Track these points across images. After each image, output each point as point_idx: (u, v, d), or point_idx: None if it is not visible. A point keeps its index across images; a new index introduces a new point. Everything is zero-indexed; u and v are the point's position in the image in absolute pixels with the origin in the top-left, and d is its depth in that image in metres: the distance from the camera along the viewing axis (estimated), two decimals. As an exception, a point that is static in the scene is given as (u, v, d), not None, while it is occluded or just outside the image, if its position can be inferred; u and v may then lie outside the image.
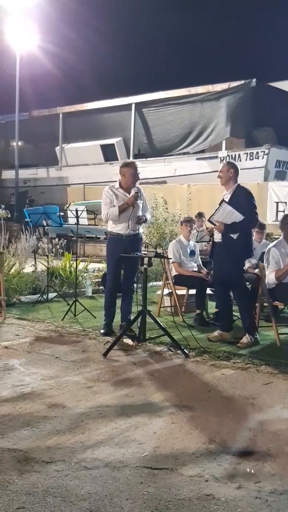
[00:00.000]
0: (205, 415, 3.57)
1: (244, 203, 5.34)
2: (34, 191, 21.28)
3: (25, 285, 7.81)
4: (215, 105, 17.58)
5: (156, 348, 5.20)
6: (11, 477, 2.72)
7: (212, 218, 5.37)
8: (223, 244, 5.37)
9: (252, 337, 5.34)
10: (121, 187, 5.63)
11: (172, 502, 2.52)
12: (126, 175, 5.58)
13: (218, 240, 5.46)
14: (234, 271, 5.46)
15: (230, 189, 5.44)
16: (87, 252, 13.92)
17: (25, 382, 4.18)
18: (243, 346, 5.26)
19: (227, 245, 5.34)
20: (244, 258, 5.64)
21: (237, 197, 5.37)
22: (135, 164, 5.72)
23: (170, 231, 10.55)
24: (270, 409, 3.71)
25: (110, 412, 3.59)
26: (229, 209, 5.25)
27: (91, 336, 5.65)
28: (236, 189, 5.43)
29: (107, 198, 5.61)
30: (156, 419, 3.48)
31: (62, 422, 3.41)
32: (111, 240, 5.74)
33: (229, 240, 5.32)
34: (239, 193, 5.40)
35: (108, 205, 5.59)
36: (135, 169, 5.60)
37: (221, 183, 5.52)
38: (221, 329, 5.58)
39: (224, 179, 5.46)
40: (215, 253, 5.60)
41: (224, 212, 5.28)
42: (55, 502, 2.50)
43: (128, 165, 5.66)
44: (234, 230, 5.29)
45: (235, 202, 5.30)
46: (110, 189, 5.64)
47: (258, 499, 2.56)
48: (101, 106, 20.25)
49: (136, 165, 5.67)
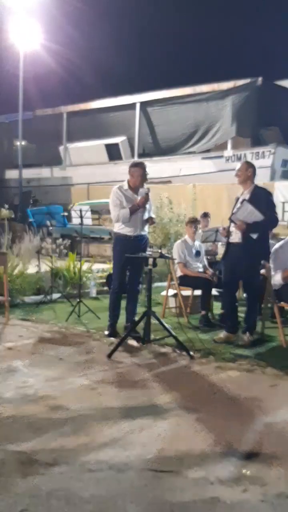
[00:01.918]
0: (210, 417, 3.54)
1: (265, 203, 5.31)
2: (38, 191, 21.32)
3: (28, 285, 7.80)
4: (220, 104, 17.55)
5: (161, 350, 5.18)
6: (14, 479, 2.70)
7: (233, 216, 5.32)
8: (242, 244, 5.31)
9: (252, 336, 5.40)
10: (129, 187, 5.63)
11: (177, 505, 2.50)
12: (134, 175, 5.58)
13: (236, 241, 5.39)
14: (252, 270, 5.43)
15: (248, 188, 5.42)
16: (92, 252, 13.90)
17: (29, 383, 4.16)
18: (246, 343, 5.30)
19: (246, 245, 5.29)
20: (262, 259, 5.59)
21: (257, 196, 5.34)
22: (144, 164, 5.71)
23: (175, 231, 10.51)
24: (276, 412, 3.67)
25: (115, 414, 3.57)
26: (250, 208, 5.22)
27: (95, 337, 5.63)
28: (255, 189, 5.42)
29: (116, 200, 5.58)
30: (160, 421, 3.46)
31: (66, 424, 3.39)
32: (118, 241, 5.71)
33: (249, 240, 5.27)
34: (259, 193, 5.40)
35: (118, 207, 5.56)
36: (144, 169, 5.60)
37: (239, 181, 5.49)
38: (226, 330, 5.56)
39: (243, 178, 5.44)
40: (230, 253, 5.52)
41: (246, 211, 5.24)
42: (59, 505, 2.48)
43: (137, 165, 5.66)
44: (255, 230, 5.26)
45: (255, 201, 5.26)
46: (119, 190, 5.62)
47: (264, 502, 2.53)
48: (105, 105, 20.26)
49: (145, 166, 5.67)
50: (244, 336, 5.41)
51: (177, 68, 34.80)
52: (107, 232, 12.67)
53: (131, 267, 5.75)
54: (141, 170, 5.57)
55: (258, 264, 5.56)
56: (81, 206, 8.65)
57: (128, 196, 5.58)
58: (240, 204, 5.34)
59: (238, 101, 17.03)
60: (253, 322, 5.50)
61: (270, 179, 15.40)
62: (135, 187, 5.61)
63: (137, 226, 5.56)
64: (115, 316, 5.77)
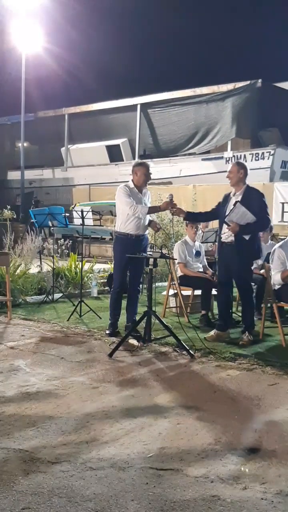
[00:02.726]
0: (210, 416, 3.56)
1: (257, 204, 5.32)
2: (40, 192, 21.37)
3: (30, 285, 7.83)
4: (220, 105, 17.59)
5: (162, 349, 5.20)
6: (16, 477, 2.72)
7: (227, 218, 5.33)
8: (235, 245, 5.35)
9: (251, 335, 5.42)
10: (134, 186, 5.68)
11: (178, 503, 2.52)
12: (138, 173, 5.64)
13: (228, 241, 5.43)
14: (244, 271, 5.46)
15: (240, 190, 5.42)
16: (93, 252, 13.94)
17: (31, 382, 4.18)
18: (246, 343, 5.31)
19: (238, 246, 5.32)
20: (253, 259, 5.63)
21: (248, 198, 5.35)
22: (147, 164, 5.82)
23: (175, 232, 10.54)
24: (276, 410, 3.69)
25: (116, 412, 3.59)
26: (243, 210, 5.23)
27: (97, 337, 5.65)
28: (246, 190, 5.41)
29: (126, 193, 5.60)
30: (161, 420, 3.48)
31: (68, 422, 3.41)
32: (119, 240, 5.74)
33: (241, 241, 5.30)
34: (250, 194, 5.39)
35: (131, 199, 5.56)
36: (147, 169, 5.67)
37: (231, 183, 5.47)
38: (217, 328, 5.59)
39: (234, 180, 5.43)
40: (223, 253, 5.56)
41: (238, 213, 5.25)
42: (61, 503, 2.50)
43: (141, 164, 5.76)
44: (248, 231, 5.28)
45: (246, 203, 5.27)
46: (125, 187, 5.67)
47: (264, 500, 2.55)
48: (106, 107, 20.30)
49: (148, 166, 5.76)
50: (243, 335, 5.44)
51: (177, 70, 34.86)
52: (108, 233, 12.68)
53: (131, 267, 5.78)
54: (144, 169, 5.65)
55: (249, 264, 5.59)
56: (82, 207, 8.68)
57: (134, 194, 5.63)
58: (233, 206, 5.35)
59: (238, 103, 17.07)
60: (250, 322, 5.53)
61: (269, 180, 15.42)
62: (139, 185, 5.67)
63: (140, 226, 5.60)
64: (116, 315, 5.79)
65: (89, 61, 29.56)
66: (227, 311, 5.74)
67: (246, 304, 5.59)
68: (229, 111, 17.27)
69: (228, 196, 5.56)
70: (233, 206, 5.33)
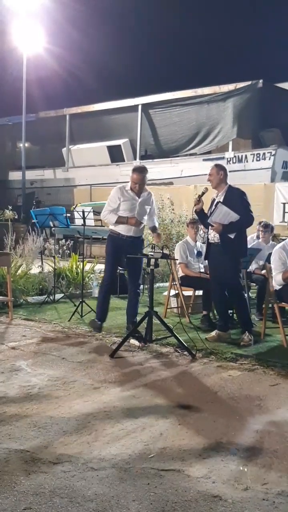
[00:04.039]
0: (212, 417, 3.56)
1: (239, 202, 5.39)
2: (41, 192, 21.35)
3: (32, 286, 7.83)
4: (221, 106, 17.58)
5: (163, 349, 5.20)
6: (18, 477, 2.73)
7: (210, 219, 5.40)
8: (221, 245, 5.41)
9: (251, 335, 5.41)
10: (131, 188, 5.67)
11: (179, 504, 2.52)
12: (131, 179, 5.65)
13: (215, 241, 5.48)
14: (232, 270, 5.48)
15: (223, 190, 5.50)
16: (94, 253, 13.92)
17: (32, 383, 4.19)
18: (246, 343, 5.31)
19: (224, 245, 5.38)
20: (240, 257, 5.64)
21: (230, 197, 5.42)
22: (142, 169, 5.69)
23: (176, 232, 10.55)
24: (277, 411, 3.69)
25: (117, 413, 3.60)
26: (225, 209, 5.32)
27: (98, 337, 5.66)
28: (228, 190, 5.49)
29: (113, 198, 5.63)
30: (162, 420, 3.48)
31: (69, 423, 3.41)
32: (111, 239, 5.79)
33: (227, 240, 5.36)
34: (232, 194, 5.46)
35: (111, 207, 5.63)
36: (139, 174, 5.58)
37: (212, 186, 5.58)
38: (218, 329, 5.59)
39: (215, 182, 5.53)
40: (211, 253, 5.60)
41: (221, 213, 5.34)
42: (62, 503, 2.50)
43: (134, 170, 5.65)
44: (232, 230, 5.35)
45: (229, 202, 5.35)
46: (119, 189, 5.67)
47: (265, 500, 2.55)
48: (107, 107, 20.29)
49: (142, 170, 5.65)
50: (244, 336, 5.42)
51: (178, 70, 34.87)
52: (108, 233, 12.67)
53: (129, 268, 5.79)
54: (135, 175, 5.56)
55: (237, 263, 5.60)
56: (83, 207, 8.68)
57: (128, 196, 5.62)
58: (214, 206, 5.42)
59: (239, 103, 17.05)
60: (246, 320, 5.53)
61: (270, 180, 15.41)
62: (134, 190, 5.64)
63: (131, 228, 5.62)
64: (103, 311, 5.78)
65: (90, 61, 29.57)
66: (226, 310, 5.73)
67: (237, 302, 5.59)
68: (230, 112, 17.26)
69: (214, 199, 5.63)
70: (214, 206, 5.41)
